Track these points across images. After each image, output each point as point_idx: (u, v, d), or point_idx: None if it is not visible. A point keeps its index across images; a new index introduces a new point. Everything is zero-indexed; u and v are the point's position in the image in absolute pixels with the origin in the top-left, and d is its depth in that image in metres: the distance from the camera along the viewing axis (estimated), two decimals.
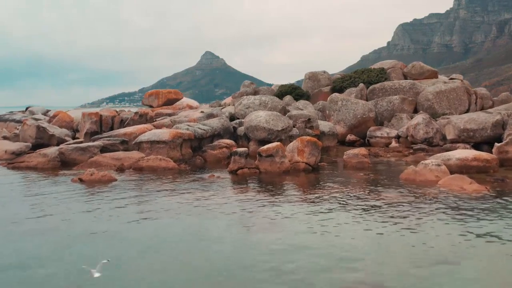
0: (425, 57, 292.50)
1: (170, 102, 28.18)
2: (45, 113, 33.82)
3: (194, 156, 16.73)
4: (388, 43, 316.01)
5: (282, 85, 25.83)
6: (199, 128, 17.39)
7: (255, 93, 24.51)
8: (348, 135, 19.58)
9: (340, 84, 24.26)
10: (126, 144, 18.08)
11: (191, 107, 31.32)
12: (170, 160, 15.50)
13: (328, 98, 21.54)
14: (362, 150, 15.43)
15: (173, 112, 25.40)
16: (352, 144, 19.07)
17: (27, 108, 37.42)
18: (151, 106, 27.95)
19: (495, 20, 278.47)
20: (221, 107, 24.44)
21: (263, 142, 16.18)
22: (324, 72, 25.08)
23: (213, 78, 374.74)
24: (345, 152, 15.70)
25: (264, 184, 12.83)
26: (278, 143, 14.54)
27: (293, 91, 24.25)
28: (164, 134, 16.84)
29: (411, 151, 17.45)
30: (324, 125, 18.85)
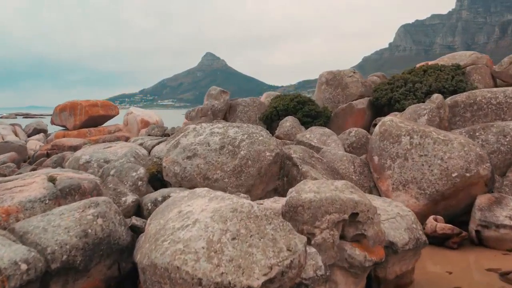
0: (427, 58, 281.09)
1: (95, 120, 15.83)
2: None
3: None
4: (390, 44, 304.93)
5: (278, 98, 12.08)
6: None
7: (230, 108, 12.68)
8: (433, 220, 7.34)
9: (388, 93, 11.33)
10: None
11: (145, 124, 19.69)
12: None
13: (378, 129, 8.03)
14: None
15: (86, 143, 13.82)
16: (442, 242, 7.18)
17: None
18: (65, 128, 16.11)
19: (497, 21, 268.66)
20: (169, 134, 12.57)
21: None
22: (354, 72, 12.85)
23: (214, 79, 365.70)
24: None
25: None
26: None
27: (300, 108, 11.15)
28: None
29: None
30: (387, 209, 6.32)
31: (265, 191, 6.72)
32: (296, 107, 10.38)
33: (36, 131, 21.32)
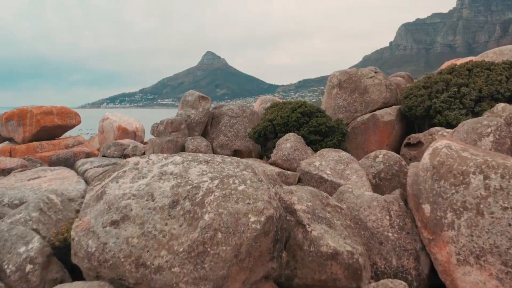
0: (428, 57, 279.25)
1: (49, 132, 12.13)
2: None
3: None
4: (391, 43, 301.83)
5: (275, 107, 8.33)
6: None
7: (213, 119, 9.09)
8: None
9: (425, 100, 7.95)
10: None
11: (123, 132, 16.88)
12: None
13: (429, 160, 4.17)
14: None
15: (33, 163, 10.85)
16: None
17: None
18: (13, 141, 12.72)
19: (498, 20, 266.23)
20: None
21: None
22: (376, 71, 9.65)
23: (214, 78, 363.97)
24: None
25: None
26: None
27: (305, 121, 7.67)
28: None
29: None
30: None
31: (249, 283, 3.77)
32: (300, 120, 7.36)
33: None
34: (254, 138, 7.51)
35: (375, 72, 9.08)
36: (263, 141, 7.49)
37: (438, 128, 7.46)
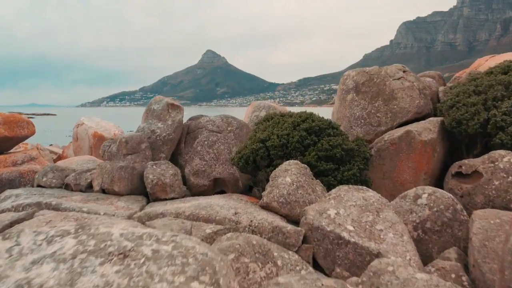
0: (428, 55, 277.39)
1: None
2: None
3: None
4: (391, 41, 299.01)
5: (270, 121, 5.71)
6: None
7: (187, 134, 6.75)
8: None
9: (480, 111, 5.49)
10: None
11: (100, 139, 14.69)
12: None
13: None
14: None
15: None
16: None
17: None
18: None
19: (499, 18, 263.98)
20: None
21: None
22: (405, 69, 6.68)
23: (214, 77, 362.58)
24: None
25: None
26: None
27: (312, 142, 5.08)
28: None
29: None
30: None
31: None
32: (306, 140, 5.03)
33: None
34: (239, 166, 5.21)
35: (404, 72, 6.76)
36: (252, 170, 5.20)
37: (501, 152, 5.14)
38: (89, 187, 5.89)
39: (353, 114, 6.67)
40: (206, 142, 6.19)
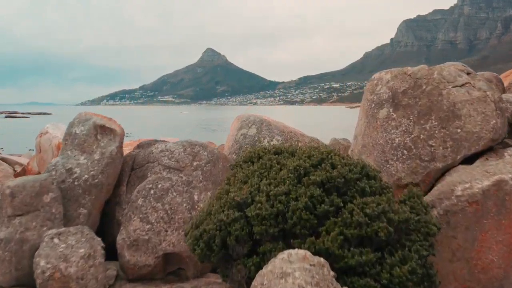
0: (429, 54, 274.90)
1: None
2: None
3: None
4: (391, 40, 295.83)
5: (254, 165, 3.00)
6: None
7: (131, 174, 4.11)
8: None
9: None
10: None
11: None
12: None
13: None
14: None
15: None
16: None
17: None
18: None
19: (500, 17, 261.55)
20: None
21: None
22: (468, 71, 4.08)
23: (214, 75, 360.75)
24: None
25: None
26: None
27: (333, 210, 2.68)
28: None
29: None
30: None
31: None
32: (320, 204, 2.63)
33: None
34: (196, 252, 2.80)
35: (467, 74, 4.31)
36: (219, 260, 2.78)
37: None
38: None
39: (390, 141, 4.21)
40: (152, 191, 3.73)
